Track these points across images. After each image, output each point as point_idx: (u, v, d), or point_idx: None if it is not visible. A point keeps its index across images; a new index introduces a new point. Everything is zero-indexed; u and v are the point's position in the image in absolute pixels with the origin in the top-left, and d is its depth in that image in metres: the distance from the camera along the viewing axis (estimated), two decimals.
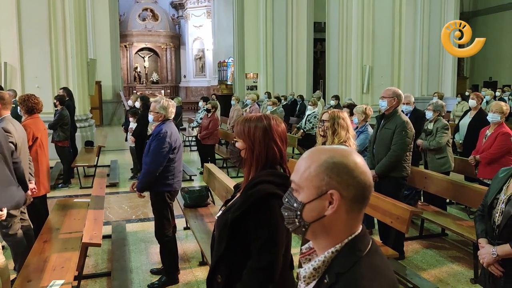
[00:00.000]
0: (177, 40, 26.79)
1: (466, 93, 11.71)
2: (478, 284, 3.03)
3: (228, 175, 6.65)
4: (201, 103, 10.52)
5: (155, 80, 26.06)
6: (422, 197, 5.76)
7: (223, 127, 11.14)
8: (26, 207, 4.04)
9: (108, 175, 7.93)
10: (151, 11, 25.85)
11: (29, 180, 3.89)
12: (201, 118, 9.13)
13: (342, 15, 11.89)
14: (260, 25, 16.42)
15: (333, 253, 1.05)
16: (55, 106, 7.53)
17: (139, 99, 7.90)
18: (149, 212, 5.68)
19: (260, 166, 1.73)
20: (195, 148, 10.37)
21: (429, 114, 5.51)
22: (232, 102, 10.88)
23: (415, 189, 5.39)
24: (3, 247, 3.87)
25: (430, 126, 5.45)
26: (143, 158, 3.84)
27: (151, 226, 4.32)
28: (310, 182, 1.05)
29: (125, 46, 24.72)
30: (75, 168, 7.57)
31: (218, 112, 9.47)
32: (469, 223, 4.35)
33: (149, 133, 5.63)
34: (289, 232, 1.54)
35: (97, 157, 8.02)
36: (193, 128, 10.39)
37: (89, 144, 8.98)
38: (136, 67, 25.83)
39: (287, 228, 1.13)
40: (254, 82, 16.77)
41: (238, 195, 1.77)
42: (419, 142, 5.44)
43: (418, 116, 5.79)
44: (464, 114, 6.74)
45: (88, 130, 10.15)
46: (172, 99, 5.42)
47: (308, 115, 9.19)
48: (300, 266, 1.13)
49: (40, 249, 3.54)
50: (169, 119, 3.86)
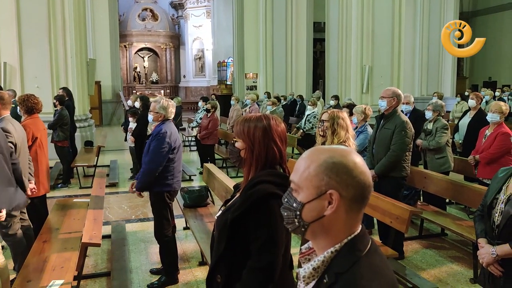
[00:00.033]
0: (177, 40, 26.79)
1: (466, 93, 11.72)
2: (478, 284, 3.04)
3: (228, 175, 6.65)
4: (201, 103, 10.51)
5: (155, 80, 26.06)
6: (422, 197, 5.76)
7: (223, 127, 11.14)
8: (26, 207, 4.03)
9: (108, 175, 7.93)
10: (151, 11, 25.85)
11: (29, 180, 3.89)
12: (201, 118, 9.13)
13: (342, 15, 11.88)
14: (260, 25, 16.42)
15: (333, 253, 1.05)
16: (55, 106, 7.53)
17: (139, 99, 7.90)
18: (149, 212, 5.69)
19: (260, 166, 1.73)
20: (195, 148, 10.37)
21: (429, 114, 5.51)
22: (232, 102, 10.88)
23: (415, 189, 5.39)
24: (3, 247, 3.87)
25: (430, 126, 5.45)
26: (143, 158, 3.84)
27: (151, 226, 4.32)
28: (310, 182, 1.05)
29: (125, 46, 24.72)
30: (75, 168, 7.56)
31: (218, 112, 9.46)
32: (469, 223, 4.35)
33: (149, 133, 5.62)
34: (289, 232, 1.53)
35: (97, 157, 8.02)
36: (193, 128, 10.40)
37: (89, 144, 8.98)
38: (136, 67, 25.83)
39: (287, 228, 1.13)
40: (254, 82, 16.77)
41: (238, 195, 1.77)
42: (419, 142, 5.44)
43: (418, 116, 5.79)
44: (464, 114, 6.74)
45: (88, 130, 10.14)
46: (172, 99, 5.41)
47: (308, 115, 9.19)
48: (300, 266, 1.13)
49: (40, 249, 3.54)
50: (169, 119, 3.87)
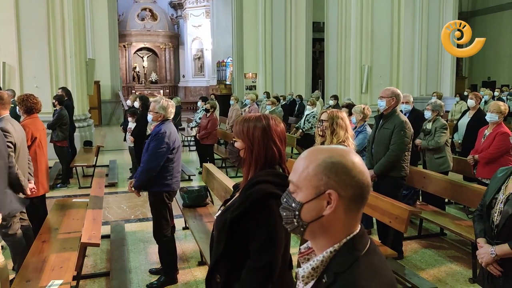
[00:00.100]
0: (176, 40, 26.78)
1: (465, 93, 11.73)
2: (477, 284, 3.04)
3: (227, 175, 6.65)
4: (200, 103, 10.50)
5: (154, 80, 26.04)
6: (421, 197, 5.77)
7: (222, 127, 11.13)
8: (25, 207, 4.03)
9: (107, 175, 7.92)
10: (150, 11, 25.83)
11: (29, 180, 3.89)
12: (200, 118, 9.13)
13: (341, 15, 11.89)
14: (259, 25, 16.41)
15: (332, 253, 1.05)
16: (54, 106, 7.52)
17: (138, 99, 7.89)
18: (148, 212, 5.67)
19: (259, 166, 1.73)
20: (194, 148, 10.37)
21: (428, 114, 5.51)
22: (231, 102, 10.87)
23: (414, 189, 5.39)
24: (2, 247, 3.87)
25: (429, 126, 5.45)
26: (142, 158, 3.84)
27: (150, 226, 4.32)
28: (309, 182, 1.05)
29: (124, 46, 24.70)
30: (74, 168, 7.55)
31: (217, 112, 9.46)
32: (468, 223, 4.35)
33: (148, 133, 5.62)
34: (288, 232, 1.54)
35: (96, 157, 8.01)
36: (192, 128, 10.39)
37: (88, 144, 8.98)
38: (135, 67, 25.81)
39: (286, 228, 1.13)
40: (253, 82, 16.77)
41: (237, 195, 1.77)
42: (418, 142, 5.45)
43: (417, 116, 5.80)
44: (463, 114, 6.75)
45: (87, 130, 10.14)
46: (171, 99, 5.41)
47: (307, 115, 9.20)
48: (299, 266, 1.13)
49: (39, 249, 3.53)
50: (168, 119, 3.87)
